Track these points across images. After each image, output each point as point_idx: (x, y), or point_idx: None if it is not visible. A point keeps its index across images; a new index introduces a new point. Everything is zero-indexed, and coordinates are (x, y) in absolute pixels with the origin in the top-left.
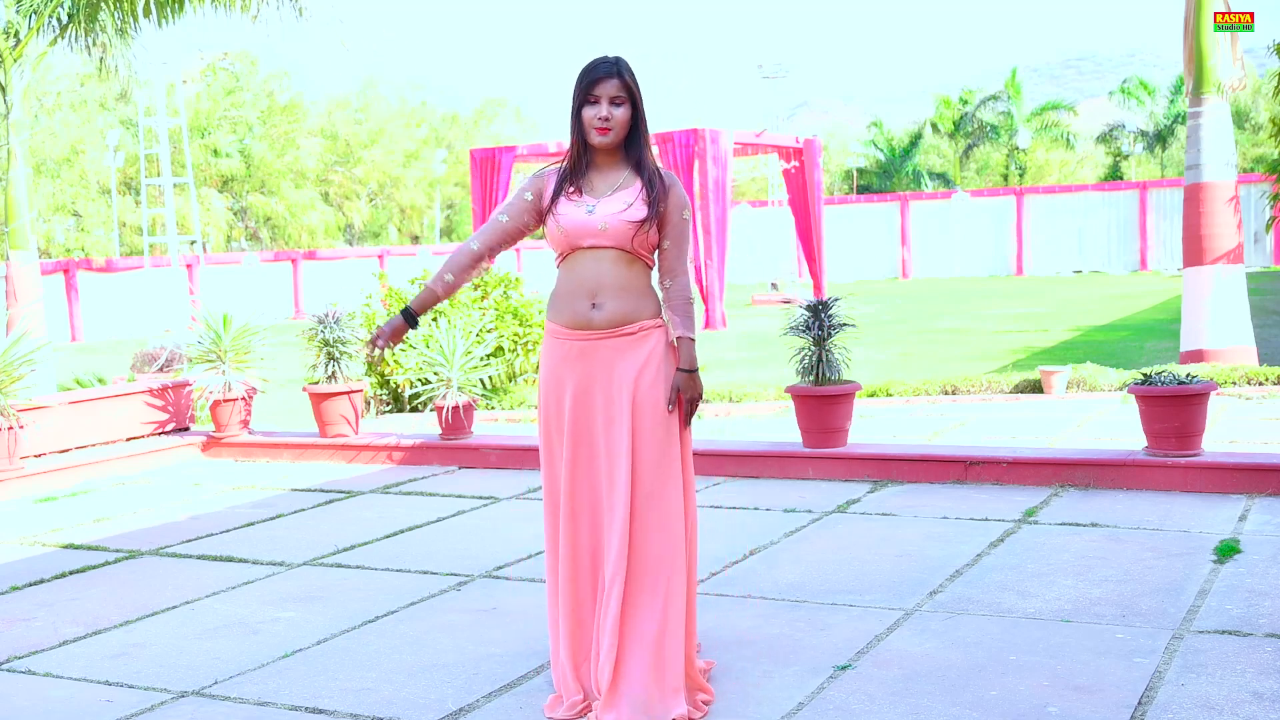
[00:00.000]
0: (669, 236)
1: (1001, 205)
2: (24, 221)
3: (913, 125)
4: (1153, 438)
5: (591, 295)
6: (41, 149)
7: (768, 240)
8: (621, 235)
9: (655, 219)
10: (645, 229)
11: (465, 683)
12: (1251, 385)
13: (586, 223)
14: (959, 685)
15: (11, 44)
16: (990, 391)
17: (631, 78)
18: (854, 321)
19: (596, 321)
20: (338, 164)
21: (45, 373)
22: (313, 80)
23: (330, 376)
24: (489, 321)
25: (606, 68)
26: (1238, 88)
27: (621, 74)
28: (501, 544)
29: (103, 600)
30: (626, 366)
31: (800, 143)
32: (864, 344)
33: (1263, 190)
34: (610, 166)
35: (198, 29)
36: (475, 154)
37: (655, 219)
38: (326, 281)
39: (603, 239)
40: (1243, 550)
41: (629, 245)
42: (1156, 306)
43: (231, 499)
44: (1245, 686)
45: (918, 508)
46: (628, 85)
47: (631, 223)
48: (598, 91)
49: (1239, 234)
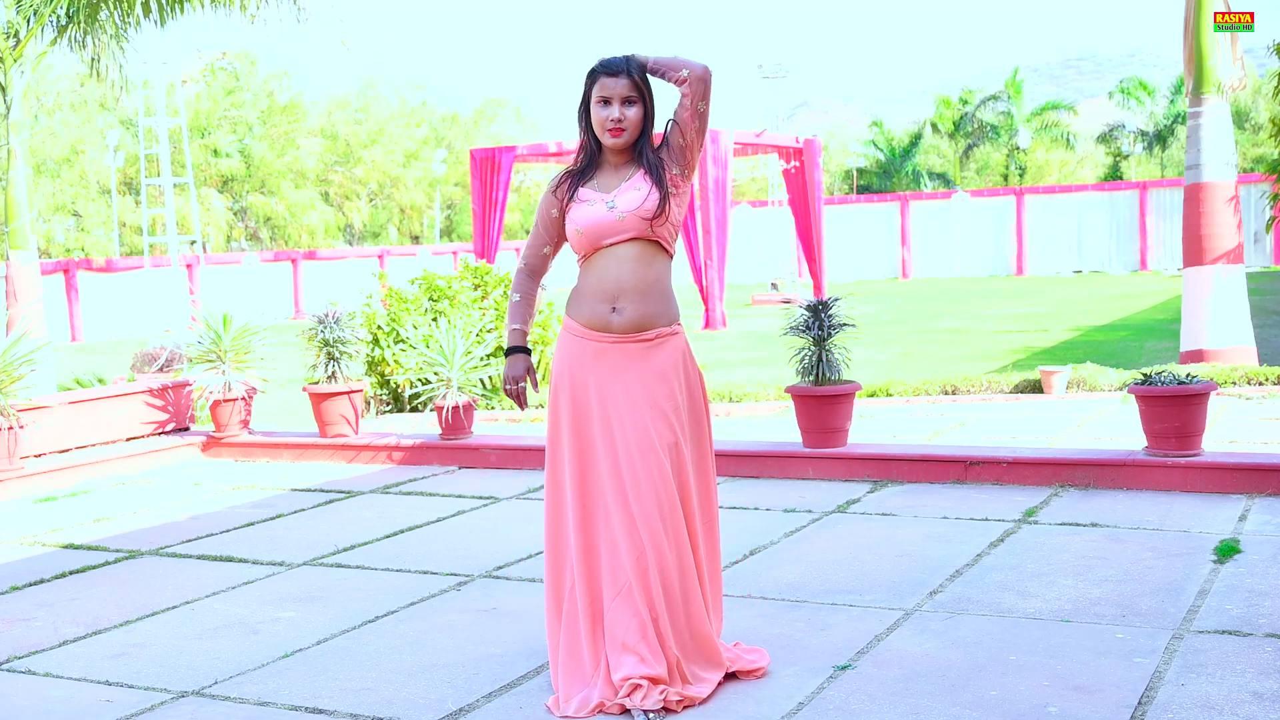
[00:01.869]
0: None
1: (1001, 205)
2: (24, 221)
3: (913, 125)
4: (1153, 438)
5: (612, 299)
6: (41, 149)
7: (768, 240)
8: (640, 222)
9: (664, 189)
10: (662, 210)
11: (465, 683)
12: (1251, 385)
13: (606, 219)
14: (959, 685)
15: (11, 44)
16: (990, 391)
17: (642, 76)
18: (854, 321)
19: (615, 325)
20: (338, 164)
21: (45, 373)
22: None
23: (330, 376)
24: (489, 321)
25: (617, 67)
26: (1238, 88)
27: (632, 73)
28: (501, 544)
29: (103, 600)
30: (645, 375)
31: (800, 143)
32: (864, 344)
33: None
34: (622, 164)
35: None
36: (475, 154)
37: (664, 189)
38: (326, 281)
39: (622, 230)
40: (1243, 550)
41: (648, 232)
42: (1156, 306)
43: (231, 499)
44: (1245, 686)
45: (918, 508)
46: (638, 84)
47: (651, 211)
48: (609, 92)
49: (1239, 234)
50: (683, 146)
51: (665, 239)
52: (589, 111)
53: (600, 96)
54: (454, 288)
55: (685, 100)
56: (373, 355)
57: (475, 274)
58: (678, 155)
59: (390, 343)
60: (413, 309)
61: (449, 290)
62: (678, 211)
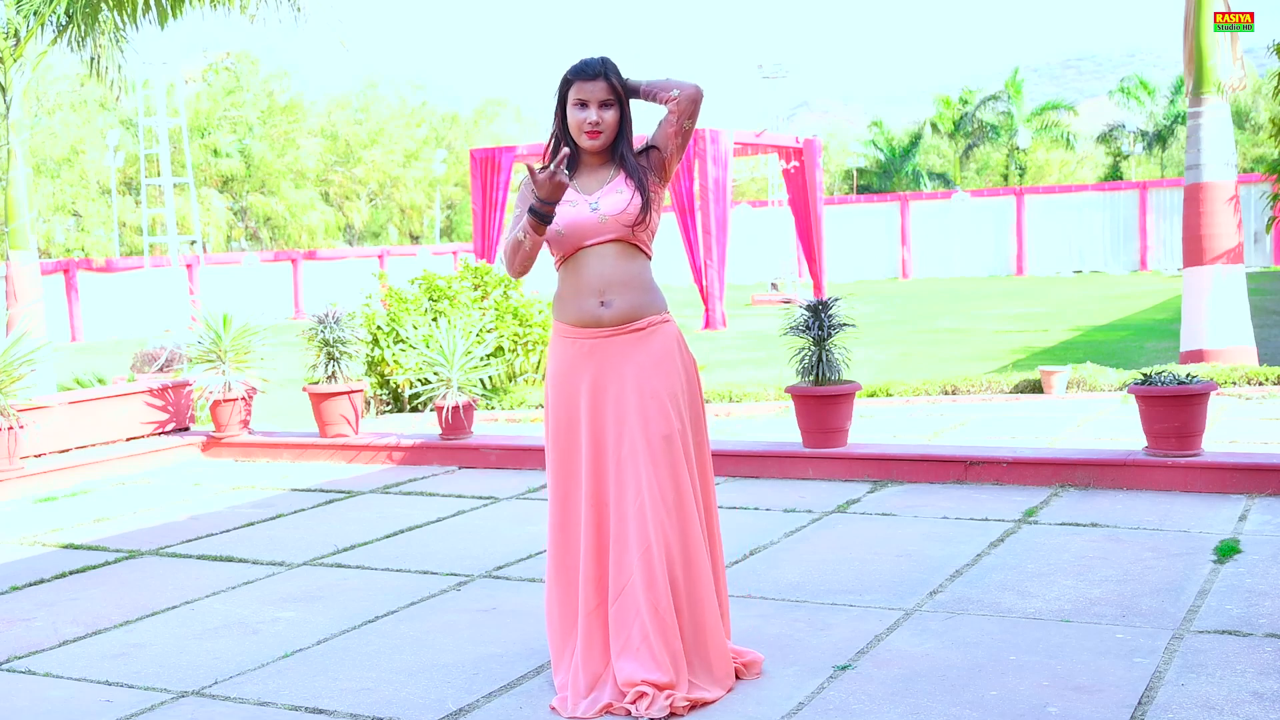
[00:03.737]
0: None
1: (1001, 205)
2: (24, 221)
3: (913, 125)
4: (1153, 438)
5: (599, 293)
6: (41, 149)
7: (768, 240)
8: (621, 224)
9: (646, 192)
10: (642, 209)
11: (465, 683)
12: (1251, 385)
13: (588, 220)
14: (959, 685)
15: (11, 44)
16: (990, 391)
17: (618, 78)
18: (854, 321)
19: (606, 319)
20: (338, 164)
21: (45, 373)
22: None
23: (330, 376)
24: (489, 321)
25: (594, 70)
26: (1238, 88)
27: (608, 75)
28: (501, 544)
29: (103, 600)
30: (639, 363)
31: (800, 143)
32: (864, 344)
33: (1263, 190)
34: (598, 165)
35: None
36: (475, 154)
37: (646, 192)
38: (326, 281)
39: (604, 232)
40: (1243, 550)
41: (629, 234)
42: (1156, 306)
43: (231, 499)
44: (1245, 686)
45: (918, 508)
46: (614, 87)
47: (634, 215)
48: (585, 95)
49: (1239, 234)
50: (663, 160)
51: (644, 242)
52: (564, 114)
53: (577, 99)
54: (454, 288)
55: (671, 117)
56: (373, 355)
57: (475, 274)
58: (656, 165)
59: (390, 343)
60: (413, 309)
61: (449, 290)
62: (655, 217)
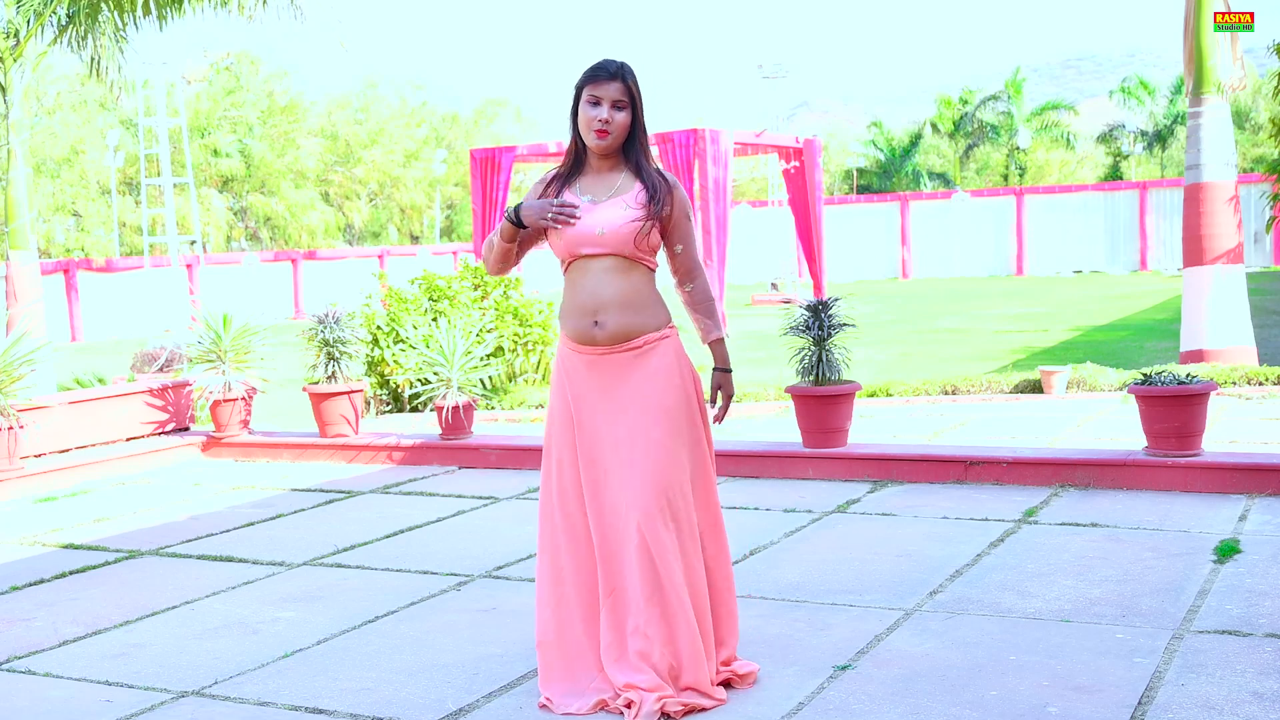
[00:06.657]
0: (680, 240)
1: (1001, 205)
2: (24, 221)
3: (913, 125)
4: (1153, 438)
5: (593, 313)
6: (41, 149)
7: (768, 240)
8: (621, 241)
9: (656, 221)
10: (645, 232)
11: (465, 683)
12: (1251, 385)
13: (585, 229)
14: (959, 685)
15: (11, 44)
16: (990, 391)
17: (634, 83)
18: (854, 321)
19: (600, 339)
20: (338, 164)
21: (45, 373)
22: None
23: (330, 376)
24: (489, 321)
25: (611, 70)
26: (1238, 88)
27: (625, 78)
28: (501, 544)
29: (103, 600)
30: (638, 380)
31: (800, 143)
32: (864, 344)
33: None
34: (608, 170)
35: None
36: (475, 154)
37: (656, 221)
38: (326, 281)
39: (602, 245)
40: (1243, 550)
41: (628, 251)
42: (1156, 306)
43: (231, 499)
44: (1245, 686)
45: (918, 508)
46: (630, 90)
47: (631, 228)
48: (600, 93)
49: (1239, 234)
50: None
51: (644, 257)
52: (578, 113)
53: (591, 96)
54: (454, 288)
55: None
56: (372, 355)
57: (475, 274)
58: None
59: (390, 343)
60: (412, 309)
61: (449, 290)
62: (656, 235)
